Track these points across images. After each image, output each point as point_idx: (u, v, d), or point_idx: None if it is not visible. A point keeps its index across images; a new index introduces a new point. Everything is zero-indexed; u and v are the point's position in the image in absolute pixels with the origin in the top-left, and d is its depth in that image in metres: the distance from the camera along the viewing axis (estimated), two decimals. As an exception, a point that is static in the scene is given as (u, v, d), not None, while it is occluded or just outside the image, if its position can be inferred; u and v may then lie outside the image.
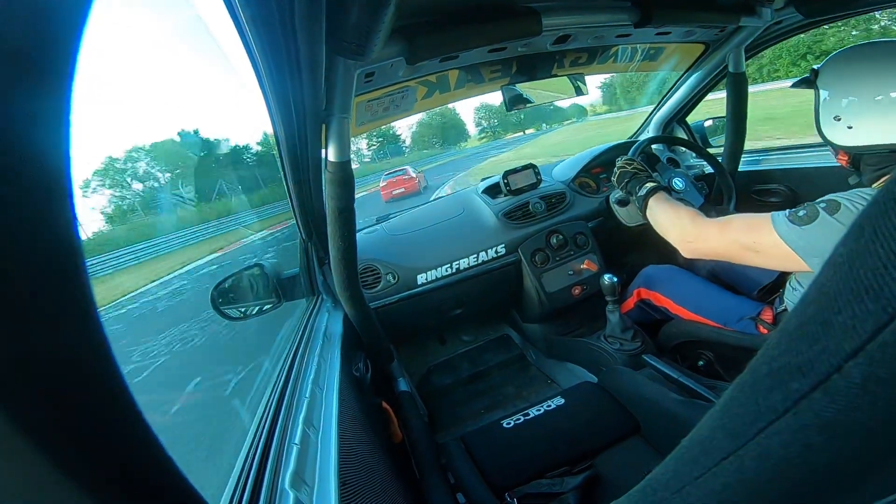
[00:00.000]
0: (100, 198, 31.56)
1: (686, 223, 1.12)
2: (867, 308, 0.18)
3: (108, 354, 0.19)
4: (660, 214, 1.20)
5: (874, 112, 0.92)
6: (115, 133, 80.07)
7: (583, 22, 1.11)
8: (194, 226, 21.42)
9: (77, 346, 0.18)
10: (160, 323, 6.67)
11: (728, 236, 1.02)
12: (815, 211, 0.86)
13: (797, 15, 1.29)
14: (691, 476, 0.28)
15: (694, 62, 1.68)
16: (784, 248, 0.89)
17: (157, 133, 78.07)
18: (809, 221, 0.86)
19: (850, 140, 0.98)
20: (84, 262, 0.18)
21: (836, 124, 0.99)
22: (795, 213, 0.89)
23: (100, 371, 0.19)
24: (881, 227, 0.17)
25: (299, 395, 0.82)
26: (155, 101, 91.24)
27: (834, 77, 1.01)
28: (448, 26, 0.93)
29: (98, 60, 66.82)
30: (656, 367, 1.37)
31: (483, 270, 1.74)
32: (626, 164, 1.37)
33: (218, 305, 1.25)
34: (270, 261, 1.39)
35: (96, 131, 68.47)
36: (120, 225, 27.10)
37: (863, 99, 0.94)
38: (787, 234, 0.88)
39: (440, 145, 66.46)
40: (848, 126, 0.97)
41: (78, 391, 0.18)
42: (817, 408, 0.20)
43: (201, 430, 3.15)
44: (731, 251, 1.03)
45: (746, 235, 0.98)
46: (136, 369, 4.44)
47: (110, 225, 27.24)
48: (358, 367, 1.20)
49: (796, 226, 0.88)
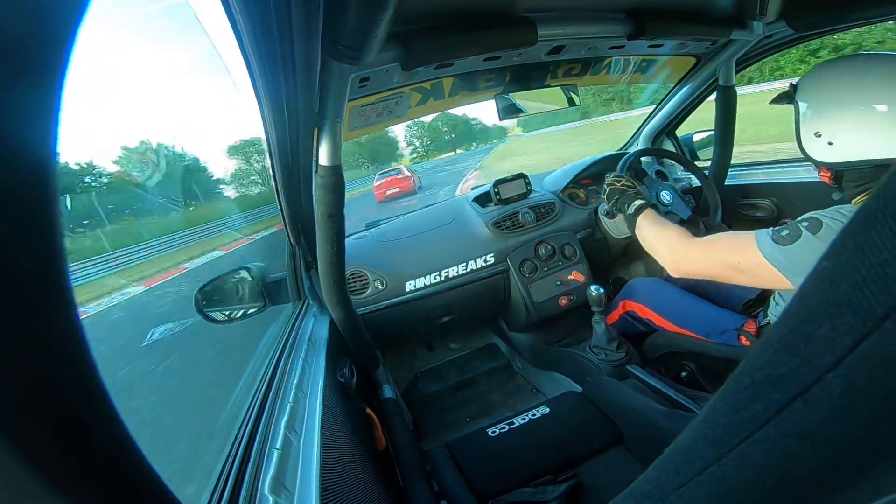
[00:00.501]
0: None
1: (674, 243, 1.13)
2: (848, 321, 0.18)
3: (86, 356, 0.19)
4: (648, 234, 1.21)
5: (854, 127, 0.92)
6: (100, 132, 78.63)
7: (577, 33, 1.12)
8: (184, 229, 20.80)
9: (56, 345, 0.18)
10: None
11: (714, 256, 1.03)
12: (798, 230, 0.87)
13: (788, 29, 1.31)
14: (674, 485, 0.28)
15: (685, 75, 1.71)
16: (769, 267, 0.89)
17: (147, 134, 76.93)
18: (792, 241, 0.87)
19: (831, 156, 0.97)
20: (65, 258, 0.18)
21: (816, 140, 0.99)
22: (779, 233, 0.90)
23: (78, 372, 0.19)
24: (861, 242, 0.18)
25: (282, 399, 0.81)
26: (145, 99, 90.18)
27: (813, 92, 1.01)
28: (444, 33, 0.93)
29: (85, 57, 65.58)
30: (640, 377, 1.39)
31: (472, 279, 1.74)
32: (615, 181, 1.38)
33: (201, 308, 1.23)
34: (256, 264, 1.37)
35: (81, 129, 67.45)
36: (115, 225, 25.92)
37: (842, 114, 0.93)
38: (771, 253, 0.89)
39: (370, 165, 64.50)
40: (828, 142, 0.96)
41: (56, 392, 0.18)
42: (798, 418, 0.20)
43: (180, 431, 3.10)
44: (717, 271, 1.04)
45: (732, 256, 0.99)
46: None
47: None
48: (343, 372, 1.19)
49: (780, 245, 0.88)
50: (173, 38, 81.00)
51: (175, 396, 3.89)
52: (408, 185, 17.20)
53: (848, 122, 0.92)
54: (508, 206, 1.85)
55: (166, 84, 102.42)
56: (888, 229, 0.17)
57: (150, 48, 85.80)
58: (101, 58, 63.77)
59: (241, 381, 1.25)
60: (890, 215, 0.17)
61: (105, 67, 73.43)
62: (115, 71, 79.98)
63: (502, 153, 31.49)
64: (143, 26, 71.02)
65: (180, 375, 4.33)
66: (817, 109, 0.98)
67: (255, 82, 0.76)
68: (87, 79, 66.32)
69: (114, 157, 29.30)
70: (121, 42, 71.18)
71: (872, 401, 0.18)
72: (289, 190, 1.17)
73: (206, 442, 2.58)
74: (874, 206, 0.18)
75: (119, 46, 75.06)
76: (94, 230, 20.44)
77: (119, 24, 60.28)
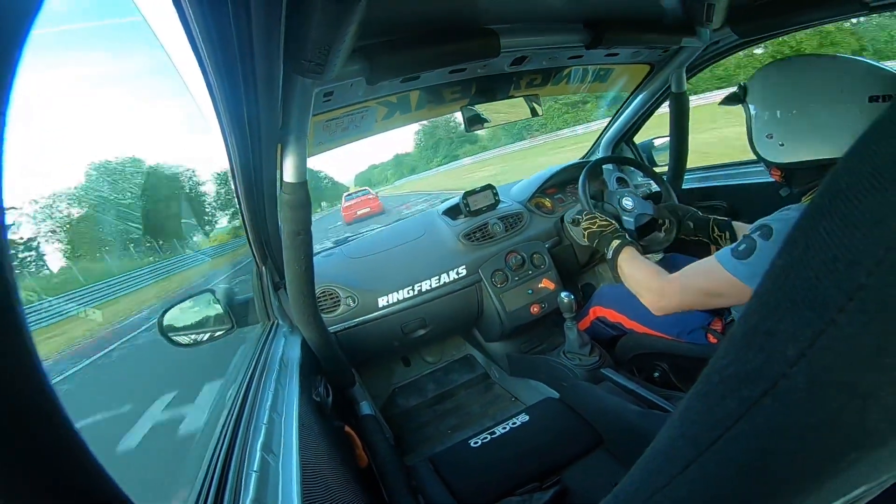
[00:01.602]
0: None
1: (650, 284, 1.16)
2: (805, 316, 0.19)
3: (41, 377, 0.18)
4: (627, 275, 1.25)
5: (802, 129, 0.94)
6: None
7: (538, 43, 1.15)
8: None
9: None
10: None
11: (688, 289, 1.06)
12: (752, 241, 0.91)
13: (733, 35, 1.39)
14: (658, 485, 0.28)
15: (640, 83, 1.77)
16: (739, 284, 0.92)
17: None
18: (750, 253, 0.91)
19: (783, 157, 1.00)
20: (8, 258, 0.17)
21: (768, 142, 1.01)
22: (737, 249, 0.94)
23: (35, 403, 0.19)
24: (812, 238, 0.18)
25: (256, 421, 0.78)
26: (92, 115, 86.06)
27: (763, 94, 1.03)
28: (409, 47, 0.94)
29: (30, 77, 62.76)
30: (614, 380, 1.41)
31: (445, 292, 1.74)
32: (590, 223, 1.43)
33: (165, 332, 1.18)
34: (221, 286, 1.32)
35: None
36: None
37: (791, 116, 0.95)
38: (735, 269, 0.93)
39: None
40: (780, 143, 0.99)
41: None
42: (769, 413, 0.21)
43: (155, 455, 2.95)
44: (696, 301, 1.06)
45: (704, 283, 1.01)
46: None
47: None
48: (318, 391, 1.16)
49: (742, 260, 0.92)
50: (128, 54, 78.22)
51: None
52: (377, 206, 17.49)
53: (797, 124, 0.95)
54: (478, 218, 1.86)
55: (120, 104, 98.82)
56: (835, 225, 0.17)
57: (102, 66, 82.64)
58: (44, 75, 60.75)
59: (210, 405, 1.20)
60: (836, 211, 0.18)
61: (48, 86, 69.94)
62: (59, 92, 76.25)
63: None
64: (94, 42, 68.35)
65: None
66: (768, 111, 1.01)
67: (214, 98, 0.74)
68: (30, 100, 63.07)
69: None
70: (68, 60, 68.07)
71: (836, 393, 0.19)
72: (252, 208, 1.13)
73: (181, 467, 2.46)
74: (821, 203, 0.18)
75: (66, 64, 71.72)
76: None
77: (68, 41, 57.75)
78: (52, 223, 26.59)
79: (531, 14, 1.09)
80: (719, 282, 0.97)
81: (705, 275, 1.01)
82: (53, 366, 6.89)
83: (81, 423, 4.17)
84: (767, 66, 1.04)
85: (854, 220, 0.17)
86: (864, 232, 0.17)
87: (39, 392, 0.19)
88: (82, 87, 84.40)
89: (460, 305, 1.78)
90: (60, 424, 0.20)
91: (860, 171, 0.17)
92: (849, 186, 0.17)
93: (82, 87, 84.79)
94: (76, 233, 26.91)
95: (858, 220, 0.17)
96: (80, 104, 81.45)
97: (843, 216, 0.17)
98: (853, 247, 0.17)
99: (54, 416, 0.20)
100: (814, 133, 0.93)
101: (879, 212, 0.16)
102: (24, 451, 0.18)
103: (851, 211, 0.17)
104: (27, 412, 0.19)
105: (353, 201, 18.00)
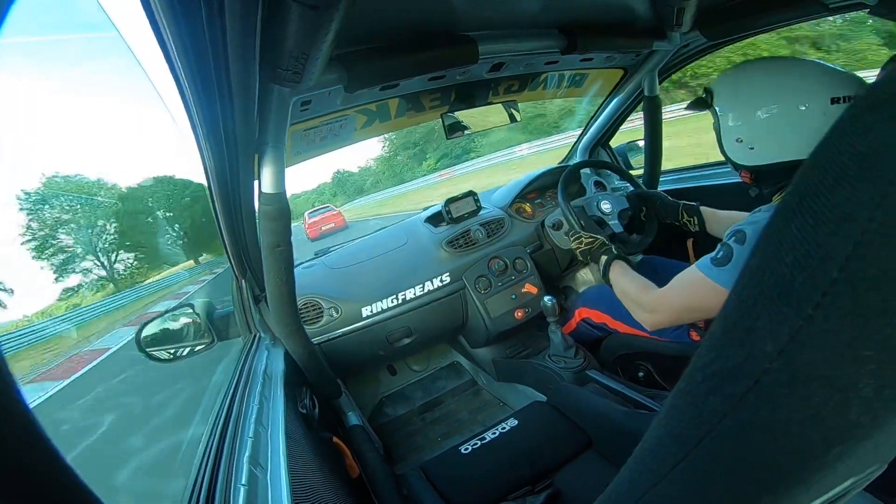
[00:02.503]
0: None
1: (640, 298, 1.17)
2: (782, 312, 0.19)
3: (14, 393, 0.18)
4: (620, 293, 1.26)
5: (772, 131, 0.96)
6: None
7: (515, 49, 1.17)
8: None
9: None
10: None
11: (675, 304, 1.07)
12: (729, 248, 0.93)
13: (702, 38, 1.42)
14: (648, 484, 0.29)
15: (614, 87, 1.81)
16: (724, 291, 0.93)
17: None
18: (728, 259, 0.93)
19: (753, 160, 1.01)
20: None
21: (738, 146, 1.03)
22: (716, 258, 0.96)
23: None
24: (784, 236, 0.19)
25: (242, 435, 0.76)
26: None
27: (728, 98, 1.04)
28: (388, 54, 0.94)
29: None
30: (600, 381, 1.42)
31: (429, 300, 1.73)
32: (577, 243, 1.46)
33: (143, 347, 1.15)
34: (200, 299, 1.29)
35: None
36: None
37: (760, 120, 0.96)
38: (718, 277, 0.95)
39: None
40: (750, 147, 1.00)
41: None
42: (753, 408, 0.21)
43: (141, 470, 2.86)
44: (686, 317, 1.09)
45: (690, 296, 1.03)
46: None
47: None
48: (304, 403, 1.14)
49: (722, 268, 0.94)
50: (100, 66, 75.62)
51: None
52: (341, 221, 17.76)
53: (764, 128, 0.97)
54: (460, 225, 1.86)
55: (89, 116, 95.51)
56: (806, 223, 0.18)
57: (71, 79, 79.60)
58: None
59: (194, 420, 1.17)
60: (806, 209, 0.18)
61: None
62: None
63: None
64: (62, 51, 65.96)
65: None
66: (735, 115, 1.03)
67: (189, 108, 0.73)
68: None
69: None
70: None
71: (816, 387, 0.19)
72: (230, 220, 1.11)
73: (166, 482, 2.38)
74: (791, 201, 0.19)
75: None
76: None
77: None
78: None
79: (508, 21, 1.11)
80: (704, 291, 0.98)
81: (690, 287, 1.03)
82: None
83: (61, 438, 3.97)
84: (730, 71, 1.06)
85: (823, 216, 0.17)
86: (834, 228, 0.17)
87: (15, 410, 0.18)
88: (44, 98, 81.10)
89: (445, 313, 1.78)
90: (37, 441, 0.19)
91: (827, 169, 0.17)
92: (817, 184, 0.18)
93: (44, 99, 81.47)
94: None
95: (828, 217, 0.17)
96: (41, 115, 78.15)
97: (812, 213, 0.18)
98: (824, 242, 0.17)
99: (32, 434, 0.19)
100: (781, 135, 0.95)
101: (847, 207, 0.17)
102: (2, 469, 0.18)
103: (820, 208, 0.17)
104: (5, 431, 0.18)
105: (317, 217, 18.08)
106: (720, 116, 1.07)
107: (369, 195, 39.06)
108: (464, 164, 27.42)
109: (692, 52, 1.65)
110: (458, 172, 26.30)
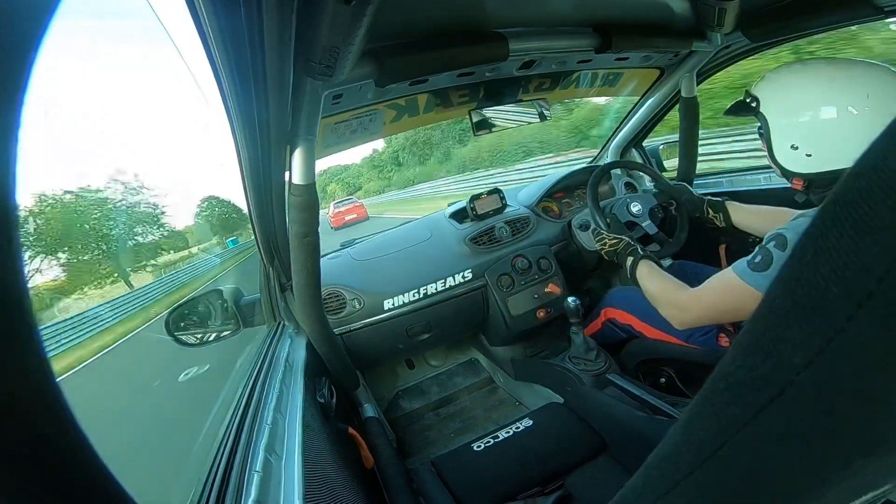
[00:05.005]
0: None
1: (669, 297, 1.14)
2: (814, 324, 0.18)
3: (52, 383, 0.19)
4: (648, 291, 1.23)
5: (833, 137, 0.89)
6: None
7: (547, 47, 1.15)
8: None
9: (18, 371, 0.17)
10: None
11: (707, 304, 1.04)
12: (769, 252, 0.89)
13: (744, 39, 1.37)
14: (661, 491, 0.28)
15: (649, 87, 1.77)
16: (760, 297, 0.90)
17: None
18: (768, 265, 0.89)
19: (810, 167, 0.94)
20: (22, 268, 0.17)
21: (793, 153, 0.96)
22: (753, 261, 0.92)
23: (47, 402, 0.19)
24: (821, 246, 0.18)
25: (260, 422, 0.79)
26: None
27: (780, 102, 0.98)
28: (418, 50, 0.94)
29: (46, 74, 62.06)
30: (620, 385, 1.40)
31: (451, 295, 1.73)
32: (602, 244, 1.45)
33: (172, 331, 1.19)
34: (229, 286, 1.33)
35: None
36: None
37: (822, 125, 0.90)
38: (755, 282, 0.91)
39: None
40: (807, 154, 0.94)
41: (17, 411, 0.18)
42: (775, 420, 0.21)
43: (157, 453, 2.96)
44: (717, 316, 1.05)
45: (724, 297, 1.00)
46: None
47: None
48: (322, 392, 1.16)
49: (760, 272, 0.90)
50: (141, 56, 78.03)
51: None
52: (363, 213, 18.78)
53: (825, 133, 0.90)
54: (484, 222, 1.86)
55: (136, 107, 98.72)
56: (845, 233, 0.17)
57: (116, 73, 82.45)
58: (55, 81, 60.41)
59: (217, 405, 1.21)
60: (847, 219, 0.17)
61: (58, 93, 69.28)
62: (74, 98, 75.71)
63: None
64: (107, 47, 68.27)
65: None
66: (789, 121, 0.96)
67: (225, 99, 0.75)
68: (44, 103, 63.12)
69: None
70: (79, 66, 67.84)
71: (843, 400, 0.19)
72: (261, 209, 1.14)
73: (183, 465, 2.48)
74: (831, 210, 0.18)
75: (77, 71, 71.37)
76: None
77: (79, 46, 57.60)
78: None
79: (541, 18, 1.09)
80: (740, 295, 0.95)
81: (725, 290, 1.00)
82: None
83: (85, 420, 4.17)
84: (780, 72, 1.00)
85: (864, 227, 0.17)
86: (875, 239, 0.16)
87: (45, 391, 0.19)
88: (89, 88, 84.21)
89: (465, 309, 1.78)
90: (66, 424, 0.20)
91: (871, 179, 0.17)
92: (860, 194, 0.17)
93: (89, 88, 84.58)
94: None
95: (869, 228, 0.17)
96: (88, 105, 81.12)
97: (853, 224, 0.17)
98: (863, 254, 0.17)
99: (60, 416, 0.20)
100: (843, 142, 0.88)
101: (890, 219, 0.16)
102: (30, 451, 0.19)
103: (862, 218, 0.17)
104: (33, 411, 0.19)
105: (342, 207, 18.97)
106: (770, 122, 1.01)
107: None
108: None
109: (734, 54, 1.59)
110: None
